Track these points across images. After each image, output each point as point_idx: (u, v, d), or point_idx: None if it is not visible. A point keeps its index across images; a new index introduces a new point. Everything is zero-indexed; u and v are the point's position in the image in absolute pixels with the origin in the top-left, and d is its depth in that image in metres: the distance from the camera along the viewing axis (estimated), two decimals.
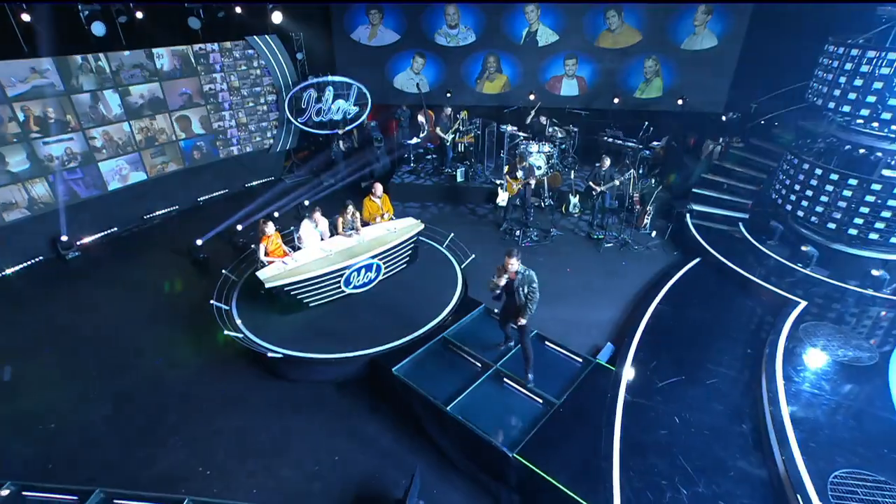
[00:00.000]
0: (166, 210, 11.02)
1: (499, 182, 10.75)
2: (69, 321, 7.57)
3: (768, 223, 9.09)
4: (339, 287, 7.36)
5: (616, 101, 12.85)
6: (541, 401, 5.66)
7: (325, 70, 12.72)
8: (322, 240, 7.80)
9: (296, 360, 6.35)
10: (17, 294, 8.27)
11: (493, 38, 13.26)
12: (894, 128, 7.58)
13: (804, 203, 8.36)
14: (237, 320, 7.07)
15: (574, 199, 10.82)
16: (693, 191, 10.60)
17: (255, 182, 12.57)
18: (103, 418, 5.91)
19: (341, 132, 12.85)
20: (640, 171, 11.22)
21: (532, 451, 4.99)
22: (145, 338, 7.18)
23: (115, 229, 10.17)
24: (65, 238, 9.19)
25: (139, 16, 9.49)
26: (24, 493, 4.06)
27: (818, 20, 9.37)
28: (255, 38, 11.39)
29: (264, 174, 12.76)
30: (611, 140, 12.16)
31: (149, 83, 10.09)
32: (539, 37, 13.07)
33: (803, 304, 7.23)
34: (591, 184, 9.65)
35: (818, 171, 8.08)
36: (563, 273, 8.54)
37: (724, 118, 11.60)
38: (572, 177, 11.14)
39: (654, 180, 11.18)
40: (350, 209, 7.86)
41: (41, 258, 9.15)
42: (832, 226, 8.05)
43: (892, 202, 7.45)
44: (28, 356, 6.86)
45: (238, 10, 11.06)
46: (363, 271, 7.51)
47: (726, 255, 8.58)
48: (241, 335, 6.72)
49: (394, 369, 6.03)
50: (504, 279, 5.26)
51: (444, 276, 8.15)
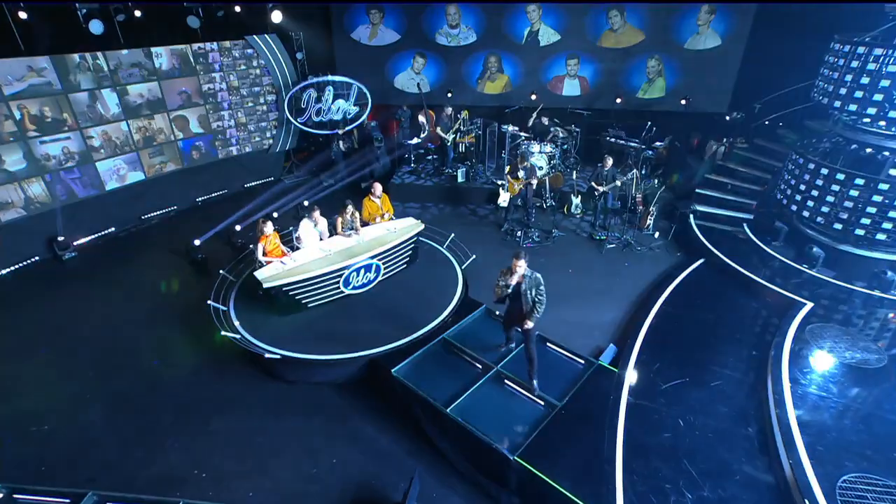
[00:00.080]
0: (164, 210, 11.01)
1: (500, 182, 10.72)
2: (65, 322, 7.54)
3: (773, 224, 9.04)
4: (338, 287, 7.32)
5: (618, 101, 12.82)
6: (542, 403, 5.61)
7: (325, 70, 12.72)
8: (321, 240, 7.77)
9: (294, 361, 6.32)
10: (13, 295, 8.24)
11: (494, 38, 13.23)
12: None
13: (810, 203, 8.31)
14: (235, 321, 7.04)
15: (576, 200, 10.78)
16: (696, 191, 10.55)
17: (254, 182, 12.55)
18: (99, 420, 5.87)
19: (341, 132, 12.83)
20: (643, 172, 11.18)
21: (533, 453, 4.94)
22: (142, 339, 7.16)
23: (113, 229, 10.15)
24: (61, 238, 9.18)
25: (137, 14, 9.49)
26: (15, 495, 4.00)
27: (823, 18, 9.33)
28: (254, 37, 11.38)
29: (263, 174, 12.75)
30: (613, 140, 12.12)
31: (147, 82, 10.08)
32: (541, 36, 13.04)
33: (809, 305, 7.16)
34: (593, 184, 9.61)
35: (824, 171, 8.03)
36: (565, 274, 8.50)
37: (727, 118, 11.56)
38: (574, 177, 11.10)
39: (656, 181, 11.14)
40: (349, 209, 7.84)
41: (37, 258, 9.13)
42: (838, 226, 8.00)
43: None
44: (24, 357, 6.83)
45: (237, 8, 11.07)
46: (362, 272, 7.47)
47: (730, 255, 8.52)
48: (238, 336, 6.69)
49: (393, 370, 5.99)
50: (515, 278, 5.20)
51: (444, 276, 8.10)
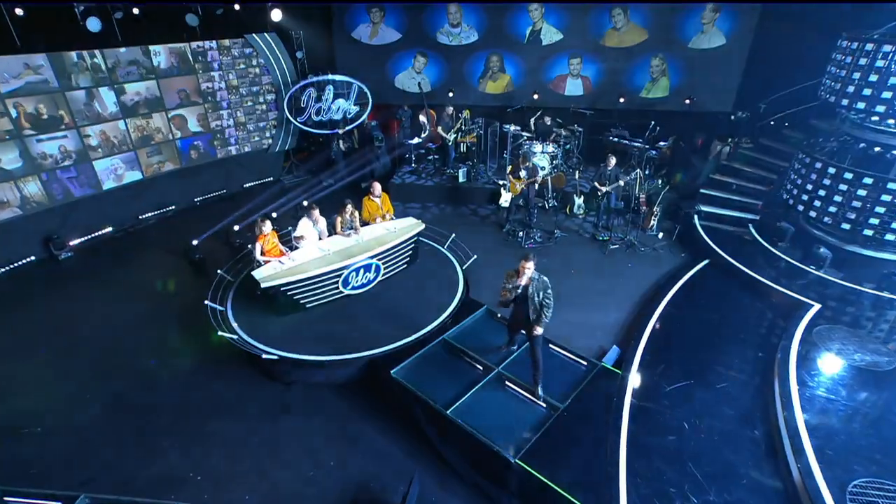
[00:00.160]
0: (162, 210, 10.97)
1: (502, 183, 10.68)
2: (61, 322, 7.51)
3: (779, 224, 8.97)
4: (337, 288, 7.28)
5: (622, 100, 12.78)
6: (544, 405, 5.56)
7: (326, 69, 12.70)
8: (320, 239, 7.73)
9: (292, 362, 6.27)
10: (9, 295, 8.20)
11: (495, 37, 13.21)
12: None
13: (817, 203, 8.25)
14: (232, 321, 7.00)
15: (579, 200, 10.73)
16: (701, 191, 10.50)
17: (253, 182, 12.52)
18: (95, 421, 5.83)
19: (341, 132, 12.81)
20: (647, 172, 11.12)
21: (535, 456, 4.89)
22: (139, 339, 7.11)
23: (110, 229, 10.12)
24: (57, 238, 9.14)
25: (135, 12, 9.47)
26: (6, 498, 3.96)
27: (830, 16, 9.29)
28: (253, 35, 11.37)
29: (263, 174, 12.71)
30: (616, 140, 12.08)
31: (145, 81, 10.05)
32: (543, 35, 13.01)
33: (817, 306, 7.10)
34: (596, 184, 9.55)
35: (831, 171, 7.97)
36: (567, 275, 8.44)
37: (732, 117, 11.51)
38: (577, 177, 11.05)
39: (660, 181, 11.09)
40: (349, 208, 7.81)
41: (33, 258, 9.10)
42: (846, 226, 7.94)
43: None
44: (19, 357, 6.79)
45: (237, 6, 11.05)
46: (362, 271, 7.43)
47: (736, 256, 8.47)
48: (235, 336, 6.64)
49: (392, 372, 5.94)
50: (524, 280, 5.13)
51: (444, 277, 8.06)
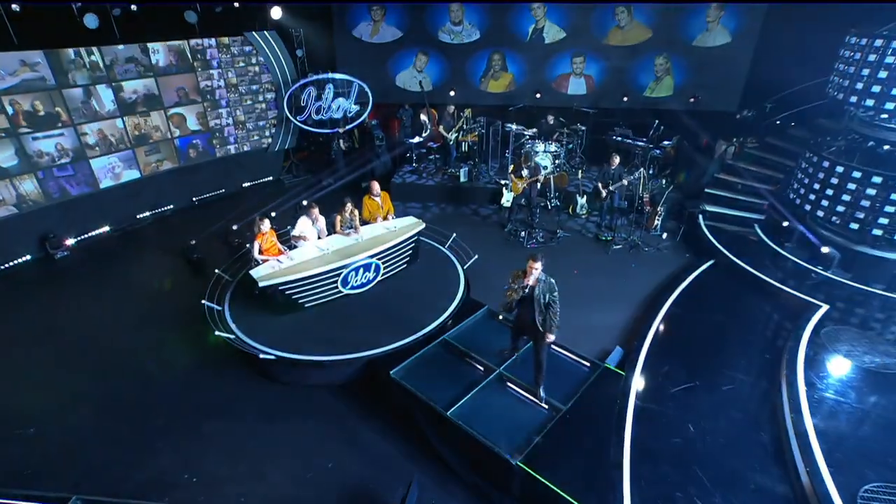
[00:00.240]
0: (160, 209, 10.95)
1: (503, 182, 10.64)
2: (57, 322, 7.47)
3: (786, 224, 8.90)
4: (336, 287, 7.23)
5: (625, 99, 12.73)
6: (546, 406, 5.50)
7: (326, 67, 12.69)
8: (319, 238, 7.69)
9: (289, 362, 6.23)
10: (4, 294, 8.16)
11: (498, 36, 13.17)
12: None
13: (824, 203, 8.17)
14: (229, 321, 6.96)
15: (581, 200, 10.67)
16: (706, 191, 10.44)
17: (252, 182, 12.49)
18: (88, 422, 5.78)
19: (341, 131, 12.78)
20: (651, 172, 11.07)
21: (537, 458, 4.84)
22: (134, 339, 7.08)
23: (107, 228, 10.09)
24: (53, 237, 9.12)
25: (133, 9, 9.46)
26: None
27: (836, 13, 9.22)
28: (253, 33, 11.36)
29: (262, 174, 12.68)
30: (620, 139, 12.03)
31: (143, 79, 10.04)
32: (546, 34, 12.98)
33: (825, 307, 7.03)
34: (599, 185, 9.48)
35: (839, 169, 7.90)
36: (570, 275, 8.36)
37: (738, 116, 11.46)
38: (579, 177, 11.00)
39: (664, 180, 11.03)
40: (349, 207, 7.77)
41: (29, 257, 9.07)
42: (855, 226, 7.86)
43: None
44: (13, 357, 6.76)
45: (236, 4, 11.04)
46: (361, 271, 7.38)
47: (741, 256, 8.41)
48: (232, 336, 6.60)
49: (392, 372, 5.90)
50: (531, 280, 5.03)
51: (445, 276, 8.01)
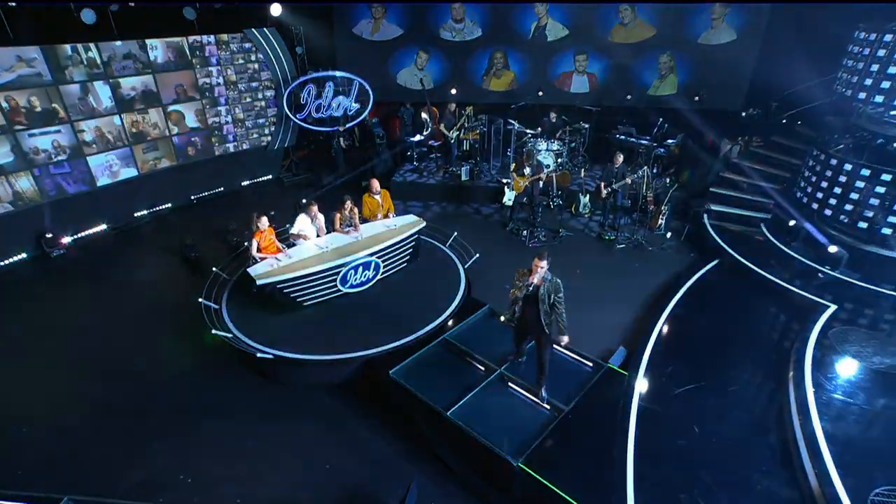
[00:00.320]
0: (158, 208, 10.91)
1: (505, 181, 10.58)
2: (52, 321, 7.44)
3: (792, 223, 8.83)
4: (335, 286, 7.18)
5: (629, 97, 12.68)
6: (548, 407, 5.44)
7: (326, 65, 12.65)
8: (318, 236, 7.65)
9: (287, 362, 6.18)
10: None
11: (500, 33, 13.15)
12: None
13: (832, 201, 8.11)
14: (227, 320, 6.92)
15: (584, 199, 10.61)
16: (711, 190, 10.38)
17: (251, 180, 12.45)
18: (83, 421, 5.73)
19: (342, 129, 12.75)
20: (654, 170, 11.00)
21: (538, 460, 4.78)
22: (130, 338, 7.04)
23: (104, 227, 10.06)
24: (50, 235, 9.09)
25: (131, 4, 9.44)
26: None
27: (843, 8, 9.16)
28: (252, 30, 11.34)
29: (261, 172, 12.64)
30: (623, 138, 11.97)
31: (141, 75, 10.02)
32: (548, 31, 12.95)
33: (832, 308, 6.96)
34: (601, 184, 9.42)
35: (847, 167, 7.83)
36: (572, 275, 8.29)
37: (743, 115, 11.39)
38: (582, 175, 10.95)
39: (668, 179, 10.96)
40: (348, 205, 7.74)
41: (25, 256, 9.03)
42: (863, 225, 7.78)
43: None
44: (7, 357, 6.71)
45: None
46: (361, 269, 7.33)
47: (747, 256, 8.35)
48: (229, 335, 6.55)
49: (391, 372, 5.85)
50: (536, 279, 4.94)
51: (446, 275, 7.97)
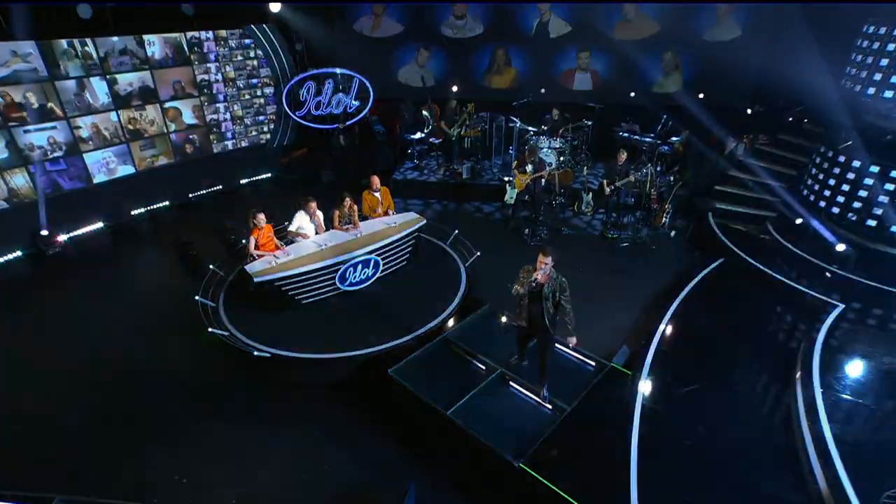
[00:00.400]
0: (155, 206, 10.87)
1: (507, 179, 10.53)
2: (47, 319, 7.40)
3: (799, 222, 8.75)
4: (334, 284, 7.13)
5: (632, 95, 12.61)
6: (550, 406, 5.39)
7: (326, 62, 12.61)
8: (317, 233, 7.60)
9: (284, 360, 6.13)
10: None
11: (501, 30, 13.10)
12: None
13: (840, 199, 8.04)
14: (224, 318, 6.87)
15: (587, 197, 10.55)
16: (716, 188, 10.31)
17: (250, 178, 12.42)
18: (76, 421, 5.68)
19: (342, 126, 12.71)
20: (658, 168, 10.93)
21: (540, 460, 4.73)
22: (126, 337, 6.99)
23: (101, 225, 10.03)
24: (45, 232, 9.05)
25: None
26: None
27: (851, 5, 9.08)
28: (252, 26, 11.31)
29: (260, 170, 12.61)
30: (626, 135, 11.91)
31: (139, 71, 10.00)
32: (551, 28, 12.89)
33: (840, 307, 6.88)
34: (604, 182, 9.36)
35: (856, 164, 7.75)
36: (575, 273, 8.21)
37: (748, 112, 11.31)
38: (585, 173, 10.88)
39: (672, 177, 10.89)
40: (347, 202, 7.69)
41: (19, 253, 8.99)
42: (872, 223, 7.71)
43: None
44: (1, 355, 6.67)
45: None
46: (360, 267, 7.28)
47: (753, 255, 8.28)
48: (226, 333, 6.50)
49: (390, 370, 5.80)
50: (542, 275, 4.83)
51: (446, 273, 7.92)
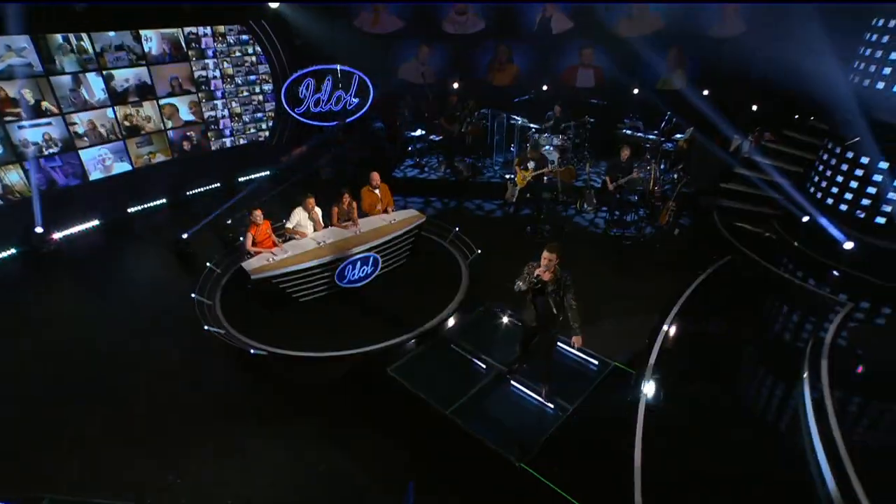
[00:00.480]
0: (152, 203, 10.81)
1: (508, 177, 10.48)
2: (42, 319, 7.33)
3: (806, 219, 8.68)
4: (332, 281, 7.08)
5: (636, 91, 12.55)
6: (552, 406, 5.34)
7: (325, 58, 12.56)
8: (315, 230, 7.56)
9: (281, 359, 6.11)
10: None
11: (503, 25, 13.06)
12: None
13: (848, 196, 7.97)
14: (220, 316, 6.84)
15: (590, 195, 10.46)
16: (721, 186, 10.24)
17: (248, 176, 12.36)
18: (69, 421, 5.61)
19: (341, 124, 12.67)
20: (662, 166, 10.88)
21: (542, 461, 4.71)
22: (121, 335, 6.92)
23: (97, 222, 9.99)
24: (40, 230, 9.00)
25: None
26: None
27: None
28: (250, 22, 11.28)
29: (259, 168, 12.54)
30: (629, 133, 11.86)
31: (135, 67, 9.96)
32: (553, 24, 12.84)
33: (849, 306, 6.83)
34: (607, 179, 9.30)
35: (864, 160, 7.68)
36: (577, 272, 8.17)
37: (754, 108, 11.25)
38: (587, 170, 10.83)
39: (676, 175, 10.83)
40: (346, 198, 7.66)
41: (14, 251, 8.94)
42: (881, 220, 7.63)
43: None
44: None
45: None
46: (359, 265, 7.23)
47: (759, 253, 8.23)
48: (222, 331, 6.47)
49: (389, 369, 5.77)
50: (545, 272, 4.74)
51: (446, 271, 7.90)
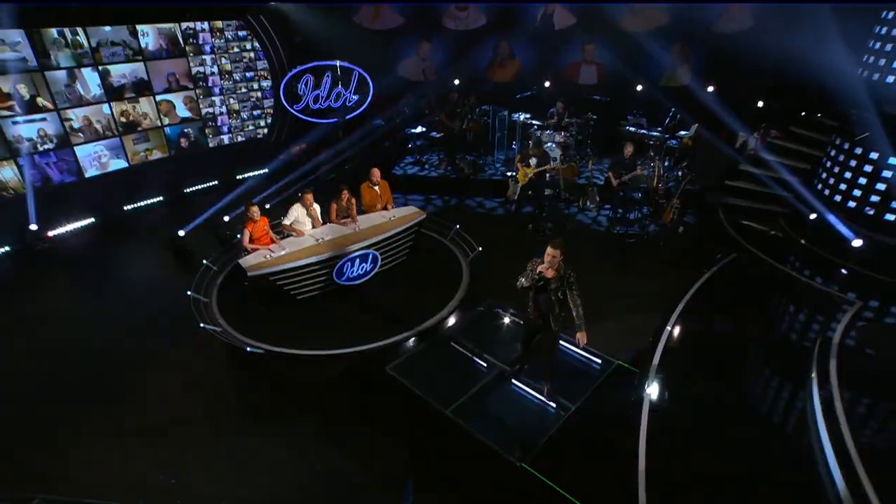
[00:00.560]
0: (149, 201, 10.79)
1: (509, 174, 10.43)
2: (36, 316, 7.31)
3: (813, 217, 8.62)
4: (331, 278, 7.04)
5: (639, 88, 12.49)
6: (554, 405, 5.29)
7: (324, 54, 12.53)
8: (314, 227, 7.52)
9: (278, 357, 6.07)
10: None
11: (505, 21, 13.01)
12: None
13: (856, 193, 7.91)
14: (216, 313, 6.80)
15: (592, 192, 10.41)
16: (726, 183, 10.18)
17: (246, 173, 12.34)
18: (63, 420, 5.58)
19: (340, 121, 12.63)
20: (666, 163, 10.82)
21: (543, 461, 4.66)
22: (117, 334, 6.89)
23: (92, 220, 9.96)
24: (34, 227, 8.98)
25: None
26: None
27: None
28: (249, 17, 11.25)
29: (257, 165, 12.52)
30: (633, 129, 11.80)
31: (132, 63, 9.94)
32: (556, 19, 12.79)
33: (858, 305, 6.76)
34: (610, 174, 9.25)
35: (873, 156, 7.62)
36: (580, 270, 8.12)
37: (760, 105, 11.19)
38: (589, 167, 10.77)
39: (681, 172, 10.77)
40: (346, 195, 7.63)
41: (8, 249, 8.91)
42: (891, 217, 7.57)
43: None
44: None
45: None
46: (358, 262, 7.19)
47: (765, 251, 8.18)
48: (219, 329, 6.42)
49: (388, 367, 5.73)
50: (548, 269, 4.67)
51: (447, 269, 7.87)
